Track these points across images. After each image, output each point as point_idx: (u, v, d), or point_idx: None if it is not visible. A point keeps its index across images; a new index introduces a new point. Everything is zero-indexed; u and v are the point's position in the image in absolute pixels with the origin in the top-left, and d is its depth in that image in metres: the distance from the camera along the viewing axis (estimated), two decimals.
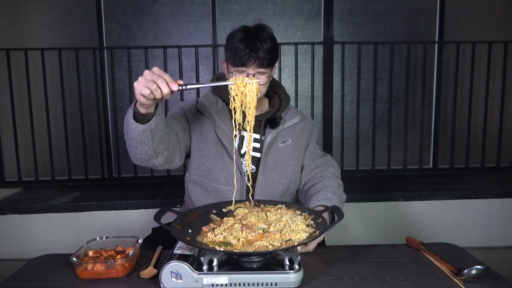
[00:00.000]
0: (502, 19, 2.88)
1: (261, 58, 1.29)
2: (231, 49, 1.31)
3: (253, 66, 1.30)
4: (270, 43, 1.31)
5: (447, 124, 2.91)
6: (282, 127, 1.44)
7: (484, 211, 2.49)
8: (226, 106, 1.43)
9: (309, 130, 1.52)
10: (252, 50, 1.28)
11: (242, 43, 1.28)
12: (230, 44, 1.32)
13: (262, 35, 1.30)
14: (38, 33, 2.79)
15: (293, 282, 0.94)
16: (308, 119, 1.55)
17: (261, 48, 1.28)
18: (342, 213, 1.08)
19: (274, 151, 1.41)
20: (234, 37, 1.31)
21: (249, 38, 1.29)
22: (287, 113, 1.49)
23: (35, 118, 2.71)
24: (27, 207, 2.42)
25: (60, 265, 1.11)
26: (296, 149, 1.46)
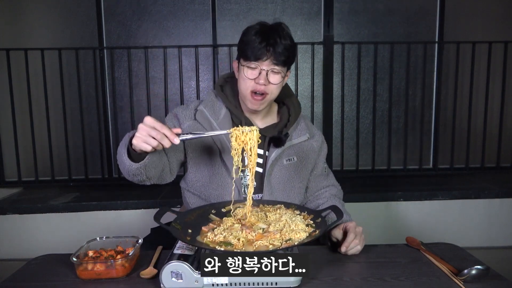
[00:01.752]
0: (502, 19, 2.88)
1: (278, 53, 1.20)
2: (246, 41, 1.22)
3: (267, 62, 1.21)
4: (289, 41, 1.23)
5: (447, 124, 2.91)
6: (289, 143, 1.34)
7: (484, 211, 2.49)
8: (228, 113, 1.34)
9: (318, 149, 1.41)
10: (269, 44, 1.19)
11: (258, 36, 1.20)
12: (245, 37, 1.24)
13: (281, 32, 1.23)
14: (38, 33, 2.79)
15: (293, 282, 0.94)
16: (317, 136, 1.44)
17: (279, 43, 1.20)
18: (342, 213, 1.08)
19: (278, 169, 1.33)
20: (250, 29, 1.24)
21: (266, 32, 1.21)
22: (295, 129, 1.38)
23: (35, 118, 2.71)
24: (27, 207, 2.42)
25: (60, 265, 1.11)
26: (302, 170, 1.37)
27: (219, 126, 1.31)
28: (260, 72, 1.23)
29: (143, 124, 1.04)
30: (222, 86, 1.40)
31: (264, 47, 1.19)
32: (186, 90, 2.85)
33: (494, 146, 2.84)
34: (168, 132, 1.04)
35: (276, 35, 1.21)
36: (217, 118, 1.33)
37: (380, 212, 2.49)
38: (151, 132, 1.03)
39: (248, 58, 1.22)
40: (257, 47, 1.19)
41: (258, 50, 1.19)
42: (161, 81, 2.82)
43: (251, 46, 1.20)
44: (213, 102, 1.37)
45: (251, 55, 1.21)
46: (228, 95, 1.37)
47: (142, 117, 3.01)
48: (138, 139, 1.04)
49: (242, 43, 1.25)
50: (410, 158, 2.90)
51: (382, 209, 2.49)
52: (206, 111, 1.34)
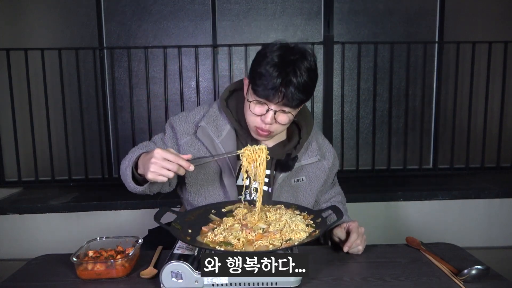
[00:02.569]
0: (502, 19, 2.88)
1: (290, 96, 1.08)
2: (259, 73, 1.09)
3: (278, 103, 1.11)
4: (306, 78, 1.09)
5: (447, 124, 2.91)
6: (297, 165, 1.27)
7: (484, 211, 2.49)
8: (233, 131, 1.27)
9: (328, 167, 1.34)
10: (282, 83, 1.06)
11: (273, 71, 1.07)
12: (259, 66, 1.10)
13: (301, 66, 1.08)
14: (38, 33, 2.79)
15: (293, 282, 0.94)
16: (329, 154, 1.36)
17: (294, 84, 1.07)
18: (342, 213, 1.08)
19: (287, 189, 1.28)
20: (267, 58, 1.09)
21: (283, 67, 1.07)
22: (306, 151, 1.30)
23: (35, 118, 2.71)
24: (27, 207, 2.42)
25: (60, 265, 1.11)
26: (312, 189, 1.31)
27: (221, 143, 1.24)
28: (268, 110, 1.13)
29: (154, 158, 1.03)
30: (227, 100, 1.31)
31: (277, 88, 1.07)
32: (186, 90, 2.85)
33: (494, 146, 2.84)
34: (183, 162, 1.03)
35: (293, 73, 1.07)
36: (219, 135, 1.26)
37: (380, 212, 2.49)
38: (166, 165, 1.02)
39: (257, 94, 1.11)
40: (268, 85, 1.07)
41: (269, 89, 1.08)
42: (161, 81, 2.82)
43: (264, 82, 1.08)
44: (216, 117, 1.28)
45: (261, 92, 1.10)
46: (233, 112, 1.28)
47: (142, 117, 3.01)
48: (154, 174, 1.03)
49: (254, 71, 1.11)
50: (410, 158, 2.90)
51: (382, 209, 2.49)
52: (208, 127, 1.26)
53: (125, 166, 1.20)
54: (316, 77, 1.14)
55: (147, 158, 1.07)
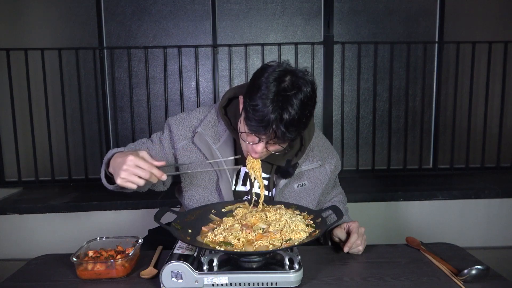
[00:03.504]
0: (502, 19, 2.88)
1: (281, 136, 1.04)
2: (253, 106, 1.03)
3: (268, 139, 1.08)
4: (299, 114, 1.03)
5: (447, 124, 2.91)
6: (298, 170, 1.27)
7: (484, 211, 2.49)
8: (231, 137, 1.26)
9: (330, 171, 1.33)
10: (273, 122, 1.02)
11: (265, 107, 1.01)
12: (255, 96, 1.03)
13: (294, 102, 1.02)
14: (38, 33, 2.79)
15: (293, 282, 0.94)
16: (331, 158, 1.34)
17: (285, 123, 1.02)
18: (342, 214, 1.08)
19: (289, 194, 1.27)
20: (262, 91, 1.03)
21: (276, 104, 1.01)
22: (307, 158, 1.29)
23: (35, 118, 2.71)
24: (27, 207, 2.42)
25: (60, 265, 1.11)
26: (315, 193, 1.30)
27: (218, 150, 1.23)
28: (260, 140, 1.09)
29: (126, 165, 1.00)
30: (225, 107, 1.28)
31: (267, 126, 1.02)
32: (186, 90, 2.85)
33: (494, 146, 2.84)
34: (155, 171, 1.02)
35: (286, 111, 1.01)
36: (217, 141, 1.25)
37: (380, 212, 2.49)
38: (137, 172, 1.00)
39: (249, 127, 1.07)
40: (260, 122, 1.03)
41: (260, 126, 1.03)
42: (161, 81, 2.82)
43: (255, 117, 1.03)
44: (214, 123, 1.27)
45: (252, 128, 1.06)
46: (231, 119, 1.26)
47: (142, 117, 3.01)
48: (123, 180, 1.01)
49: (248, 103, 1.05)
50: (410, 158, 2.90)
51: (382, 209, 2.49)
52: (205, 134, 1.24)
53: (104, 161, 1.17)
54: (312, 108, 1.09)
55: (119, 161, 1.05)
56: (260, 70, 1.09)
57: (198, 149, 1.25)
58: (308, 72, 1.10)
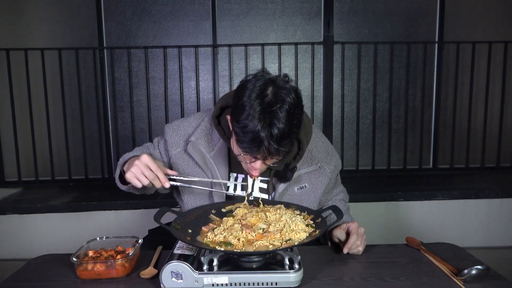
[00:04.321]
0: (502, 19, 2.88)
1: (274, 151, 1.02)
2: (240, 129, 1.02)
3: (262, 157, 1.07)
4: (289, 125, 1.01)
5: (447, 124, 2.91)
6: (296, 174, 1.26)
7: (484, 211, 2.49)
8: (225, 146, 1.25)
9: (330, 171, 1.31)
10: (264, 140, 1.00)
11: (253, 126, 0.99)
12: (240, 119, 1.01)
13: (281, 116, 1.00)
14: (38, 33, 2.79)
15: (293, 282, 0.94)
16: (330, 158, 1.33)
17: (276, 138, 1.00)
18: (342, 214, 1.08)
19: (290, 197, 1.26)
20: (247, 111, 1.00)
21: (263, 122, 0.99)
22: (305, 161, 1.28)
23: (35, 118, 2.71)
24: (27, 207, 2.42)
25: (60, 265, 1.11)
26: (316, 195, 1.29)
27: (212, 158, 1.24)
28: (256, 159, 1.08)
29: (139, 161, 1.07)
30: (218, 117, 1.26)
31: (259, 145, 1.01)
32: (186, 90, 2.85)
33: (494, 146, 2.84)
34: (161, 176, 1.07)
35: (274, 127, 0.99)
36: (211, 149, 1.25)
37: (380, 212, 2.49)
38: (145, 171, 1.06)
39: (242, 149, 1.06)
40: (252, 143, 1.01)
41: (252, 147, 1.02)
42: (161, 81, 2.82)
43: (246, 139, 1.01)
44: (208, 132, 1.27)
45: (245, 150, 1.05)
46: (225, 128, 1.24)
47: (142, 117, 3.01)
48: (131, 175, 1.08)
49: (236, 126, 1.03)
50: (410, 158, 2.90)
51: (382, 209, 2.49)
52: (199, 143, 1.24)
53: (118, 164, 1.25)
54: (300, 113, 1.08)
55: (134, 159, 1.12)
56: (241, 88, 1.06)
57: (191, 157, 1.26)
58: (288, 78, 1.08)
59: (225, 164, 1.26)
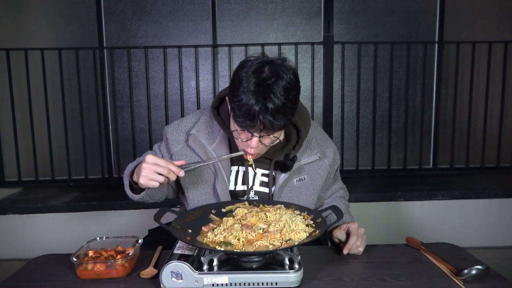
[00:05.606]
0: (502, 19, 2.88)
1: (269, 125, 1.05)
2: (237, 101, 1.04)
3: (258, 131, 1.09)
4: (284, 100, 1.03)
5: (447, 124, 2.91)
6: (297, 165, 1.26)
7: (484, 211, 2.49)
8: (225, 137, 1.27)
9: (329, 164, 1.32)
10: (259, 113, 1.02)
11: (249, 99, 1.02)
12: (237, 93, 1.05)
13: (277, 90, 1.03)
14: (38, 33, 2.79)
15: (293, 282, 0.94)
16: (329, 151, 1.33)
17: (271, 111, 1.02)
18: (342, 214, 1.08)
19: (289, 190, 1.27)
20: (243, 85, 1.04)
21: (258, 95, 1.02)
22: (305, 151, 1.29)
23: (35, 118, 2.71)
24: (27, 207, 2.42)
25: (60, 265, 1.11)
26: (314, 187, 1.30)
27: (214, 150, 1.25)
28: (252, 136, 1.11)
29: (146, 163, 1.07)
30: (218, 107, 1.30)
31: (254, 118, 1.03)
32: (186, 90, 2.85)
33: (494, 146, 2.84)
34: (173, 167, 1.07)
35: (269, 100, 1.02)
36: (212, 142, 1.26)
37: (380, 212, 2.49)
38: (157, 169, 1.06)
39: (238, 124, 1.08)
40: (247, 116, 1.03)
41: (248, 121, 1.04)
42: (161, 81, 2.82)
43: (242, 113, 1.04)
44: (208, 125, 1.29)
45: (241, 124, 1.07)
46: (224, 119, 1.27)
47: (142, 117, 3.00)
48: (145, 178, 1.07)
49: (232, 101, 1.07)
50: (410, 158, 2.90)
51: (382, 209, 2.49)
52: (200, 135, 1.26)
53: (125, 175, 1.24)
54: (296, 94, 1.09)
55: (139, 165, 1.11)
56: (239, 66, 1.11)
57: (193, 151, 1.26)
58: (287, 60, 1.10)
59: (227, 160, 1.26)
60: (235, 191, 1.29)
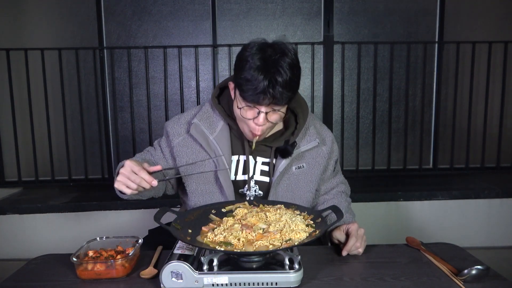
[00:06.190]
0: (502, 19, 2.88)
1: (279, 96, 1.08)
2: (244, 79, 1.08)
3: (267, 104, 1.11)
4: (290, 74, 1.08)
5: (447, 124, 2.91)
6: (297, 152, 1.27)
7: (484, 211, 2.49)
8: (226, 126, 1.28)
9: (328, 153, 1.34)
10: (268, 86, 1.06)
11: (257, 74, 1.06)
12: (243, 71, 1.09)
13: (283, 65, 1.08)
14: (38, 33, 2.79)
15: (293, 282, 0.94)
16: (328, 139, 1.36)
17: (280, 83, 1.06)
18: (342, 213, 1.08)
19: (287, 178, 1.28)
20: (249, 63, 1.08)
21: (266, 69, 1.07)
22: (304, 137, 1.30)
23: (35, 118, 2.71)
24: (27, 207, 2.42)
25: (60, 265, 1.11)
26: (312, 176, 1.31)
27: (215, 140, 1.26)
28: (259, 112, 1.13)
29: (123, 169, 1.08)
30: (218, 97, 1.33)
31: (263, 91, 1.07)
32: (186, 90, 2.85)
33: (494, 146, 2.84)
34: (146, 176, 1.07)
35: (277, 73, 1.07)
36: (213, 131, 1.27)
37: (380, 212, 2.49)
38: (131, 176, 1.07)
39: (246, 99, 1.11)
40: (255, 90, 1.07)
41: (256, 95, 1.08)
42: (161, 81, 2.82)
43: (249, 87, 1.08)
44: (209, 114, 1.30)
45: (248, 98, 1.10)
46: (225, 108, 1.30)
47: (142, 117, 3.00)
48: (119, 183, 1.09)
49: (239, 77, 1.11)
50: (410, 158, 2.90)
51: (382, 209, 2.49)
52: (201, 124, 1.27)
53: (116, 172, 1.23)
54: (299, 71, 1.14)
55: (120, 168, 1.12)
56: (242, 49, 1.14)
57: (195, 140, 1.27)
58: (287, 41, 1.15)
59: (228, 146, 1.27)
60: (236, 181, 1.29)
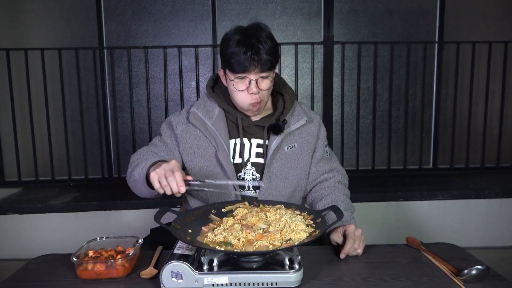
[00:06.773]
0: (502, 19, 2.88)
1: (264, 61, 1.20)
2: (229, 54, 1.21)
3: (255, 71, 1.22)
4: (270, 43, 1.21)
5: (447, 124, 2.91)
6: (288, 130, 1.35)
7: (484, 211, 2.50)
8: (222, 112, 1.37)
9: (316, 133, 1.41)
10: (253, 54, 1.19)
11: (240, 47, 1.19)
12: (227, 49, 1.22)
13: (261, 35, 1.21)
14: (38, 33, 2.79)
15: (293, 282, 0.94)
16: (315, 120, 1.44)
17: (262, 49, 1.19)
18: (342, 213, 1.08)
19: (280, 157, 1.33)
20: (231, 41, 1.22)
21: (247, 41, 1.20)
22: (292, 116, 1.39)
23: (35, 118, 2.71)
24: (27, 207, 2.42)
25: (60, 265, 1.11)
26: (303, 156, 1.37)
27: (213, 125, 1.33)
28: (250, 82, 1.23)
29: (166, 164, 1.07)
30: (212, 87, 1.42)
31: (249, 59, 1.19)
32: (186, 90, 2.85)
33: (494, 146, 2.84)
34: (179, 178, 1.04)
35: (258, 42, 1.20)
36: (211, 117, 1.35)
37: (380, 212, 2.49)
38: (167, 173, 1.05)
39: (235, 71, 1.22)
40: (241, 59, 1.19)
41: (243, 62, 1.19)
42: (161, 81, 2.82)
43: (236, 59, 1.20)
44: (206, 103, 1.39)
45: (237, 68, 1.21)
46: (219, 95, 1.39)
47: (142, 117, 3.00)
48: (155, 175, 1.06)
49: (225, 55, 1.24)
50: (410, 158, 2.90)
51: (382, 209, 2.49)
52: (198, 111, 1.36)
53: (138, 172, 1.19)
54: (276, 41, 1.26)
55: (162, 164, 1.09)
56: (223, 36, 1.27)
57: (195, 127, 1.34)
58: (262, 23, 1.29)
59: (225, 130, 1.34)
60: (234, 164, 1.32)
